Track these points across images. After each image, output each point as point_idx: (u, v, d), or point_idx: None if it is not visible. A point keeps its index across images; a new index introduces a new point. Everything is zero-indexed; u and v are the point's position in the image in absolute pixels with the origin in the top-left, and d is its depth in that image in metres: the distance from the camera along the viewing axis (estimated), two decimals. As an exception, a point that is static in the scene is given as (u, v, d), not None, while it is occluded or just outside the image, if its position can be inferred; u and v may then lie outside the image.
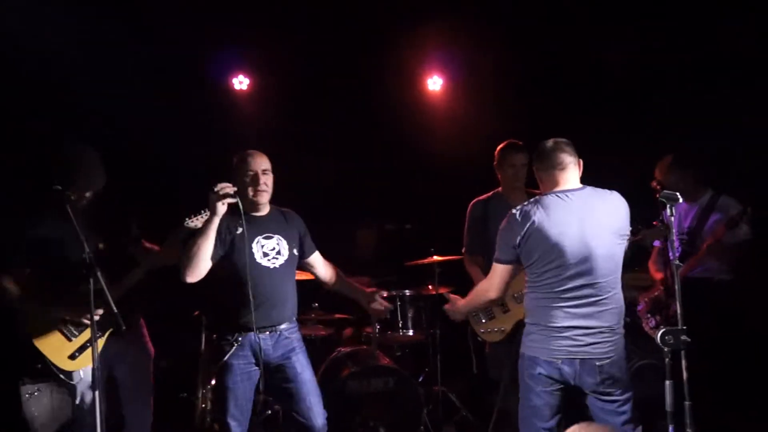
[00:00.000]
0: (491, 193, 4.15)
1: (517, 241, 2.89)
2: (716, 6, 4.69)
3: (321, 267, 3.60)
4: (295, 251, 3.41)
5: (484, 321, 4.01)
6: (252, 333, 3.21)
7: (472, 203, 4.19)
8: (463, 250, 4.21)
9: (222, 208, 3.08)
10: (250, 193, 3.27)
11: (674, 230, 2.66)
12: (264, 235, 3.32)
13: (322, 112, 5.71)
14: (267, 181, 3.30)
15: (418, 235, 5.20)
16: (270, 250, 3.33)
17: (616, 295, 2.90)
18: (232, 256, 3.25)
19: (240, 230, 3.26)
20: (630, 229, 2.98)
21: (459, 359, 4.78)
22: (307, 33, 5.45)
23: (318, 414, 3.35)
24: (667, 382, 2.62)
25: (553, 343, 2.86)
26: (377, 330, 4.60)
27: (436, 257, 4.72)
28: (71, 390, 3.36)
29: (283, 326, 3.34)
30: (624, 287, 4.75)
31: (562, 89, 5.47)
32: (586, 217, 2.85)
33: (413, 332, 4.72)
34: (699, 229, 4.15)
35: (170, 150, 5.20)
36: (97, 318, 2.95)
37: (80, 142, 3.50)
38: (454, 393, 4.81)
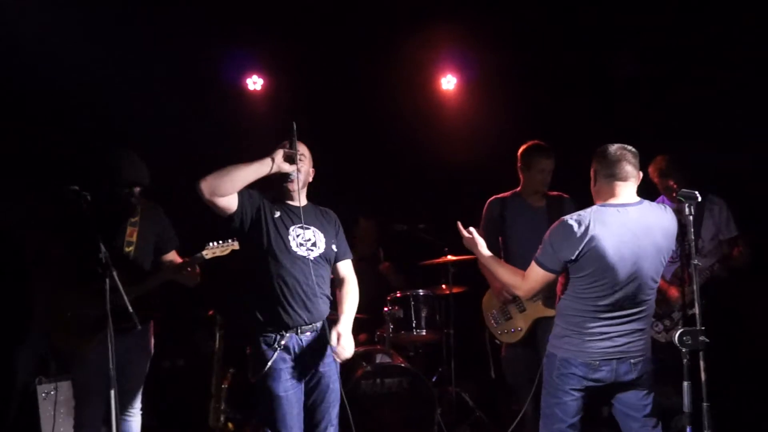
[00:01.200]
0: (510, 192, 4.13)
1: (574, 256, 2.79)
2: (718, 7, 4.66)
3: (343, 278, 3.34)
4: (333, 247, 3.24)
5: (501, 323, 4.00)
6: (293, 333, 3.04)
7: (489, 201, 4.17)
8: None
9: (282, 164, 3.06)
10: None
11: (691, 230, 2.63)
12: (300, 225, 3.17)
13: (336, 111, 5.70)
14: (300, 167, 3.17)
15: (432, 235, 5.18)
16: (305, 241, 3.17)
17: (651, 301, 2.90)
18: (265, 241, 3.08)
19: (278, 214, 3.14)
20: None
21: (473, 359, 4.77)
22: (320, 33, 5.45)
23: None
24: (685, 383, 2.60)
25: (591, 345, 2.84)
26: (391, 330, 4.60)
27: (450, 257, 4.71)
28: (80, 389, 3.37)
29: (320, 324, 3.16)
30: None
31: (575, 89, 5.44)
32: (641, 236, 2.80)
33: (427, 332, 4.71)
34: (696, 232, 4.07)
35: (184, 151, 5.22)
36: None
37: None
38: (468, 393, 4.79)
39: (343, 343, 3.11)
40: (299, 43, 5.55)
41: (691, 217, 2.62)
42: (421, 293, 4.73)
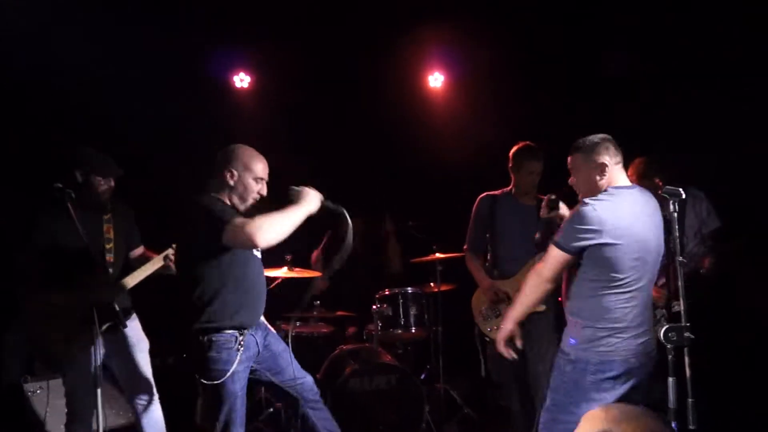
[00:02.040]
0: (501, 191, 4.15)
1: (593, 242, 2.72)
2: (716, 7, 4.69)
3: None
4: None
5: (491, 320, 4.01)
6: (250, 331, 3.07)
7: (479, 198, 4.18)
8: (464, 247, 4.21)
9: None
10: (254, 192, 3.16)
11: (676, 227, 2.64)
12: None
13: (323, 109, 5.69)
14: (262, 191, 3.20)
15: (420, 232, 5.19)
16: None
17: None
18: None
19: None
20: None
21: (461, 357, 4.78)
22: (308, 31, 5.44)
23: (304, 374, 3.27)
24: (670, 379, 2.61)
25: (626, 343, 2.78)
26: (379, 327, 4.60)
27: (438, 255, 4.72)
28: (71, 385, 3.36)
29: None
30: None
31: (563, 87, 5.46)
32: (642, 217, 2.81)
33: (415, 330, 4.71)
34: (680, 228, 4.08)
35: (170, 148, 5.20)
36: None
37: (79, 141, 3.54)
38: (456, 391, 4.80)
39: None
40: (287, 40, 5.54)
41: (675, 214, 2.64)
42: (410, 291, 4.74)
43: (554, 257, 2.83)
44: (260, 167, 3.16)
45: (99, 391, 2.99)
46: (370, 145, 5.77)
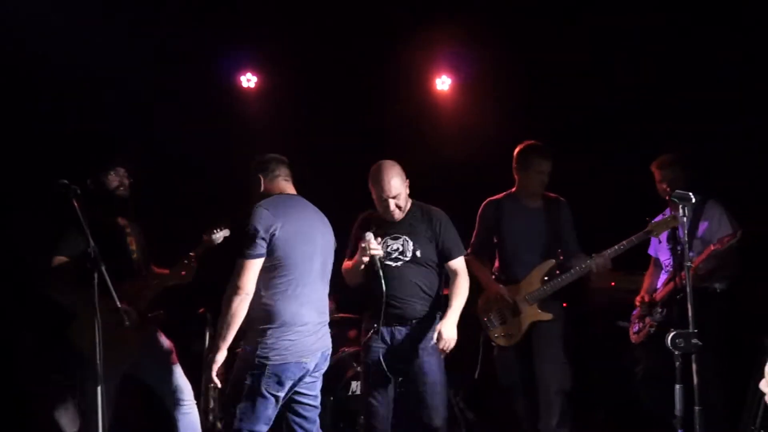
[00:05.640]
0: (504, 194, 4.08)
1: None
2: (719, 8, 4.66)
3: (453, 275, 3.58)
4: (418, 253, 3.49)
5: (496, 326, 3.97)
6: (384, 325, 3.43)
7: (484, 204, 4.13)
8: (468, 251, 4.17)
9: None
10: (381, 212, 3.54)
11: (686, 229, 2.61)
12: (392, 236, 3.51)
13: (330, 111, 5.68)
14: (399, 204, 3.51)
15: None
16: (393, 250, 3.48)
17: None
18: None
19: (374, 229, 3.50)
20: None
21: (462, 361, 4.74)
22: (315, 31, 5.43)
23: (437, 415, 3.48)
24: (677, 386, 2.58)
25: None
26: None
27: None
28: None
29: (414, 322, 3.48)
30: (613, 290, 4.76)
31: (570, 90, 5.44)
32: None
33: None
34: (690, 239, 3.99)
35: (176, 148, 5.20)
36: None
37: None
38: (460, 395, 4.76)
39: None
40: (294, 42, 5.53)
41: (685, 219, 2.61)
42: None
43: None
44: (376, 190, 3.51)
45: (99, 389, 2.96)
46: (377, 147, 5.74)
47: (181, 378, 3.58)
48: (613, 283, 4.79)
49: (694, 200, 2.59)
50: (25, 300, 4.42)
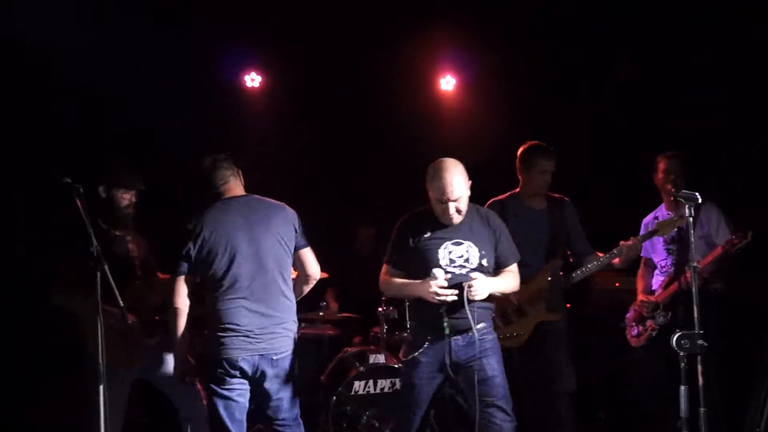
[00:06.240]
0: (507, 194, 4.06)
1: None
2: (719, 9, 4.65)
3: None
4: (484, 262, 3.19)
5: (501, 327, 3.95)
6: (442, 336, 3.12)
7: (488, 203, 4.11)
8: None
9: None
10: (438, 214, 3.20)
11: (691, 231, 2.60)
12: (453, 241, 3.18)
13: (334, 110, 5.67)
14: (460, 208, 3.16)
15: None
16: (458, 257, 3.17)
17: None
18: (419, 260, 3.16)
19: (429, 233, 3.20)
20: None
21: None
22: (320, 31, 5.42)
23: (504, 419, 3.16)
24: (682, 388, 2.57)
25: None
26: (385, 330, 4.56)
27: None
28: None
29: (479, 327, 3.15)
30: (617, 291, 4.73)
31: (575, 90, 5.43)
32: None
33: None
34: (687, 243, 3.95)
35: (181, 147, 5.18)
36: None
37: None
38: (462, 395, 4.74)
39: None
40: (298, 41, 5.53)
41: (691, 219, 2.59)
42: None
43: None
44: (435, 190, 3.17)
45: (101, 388, 2.95)
46: (381, 146, 5.74)
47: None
48: (617, 284, 4.78)
49: (700, 200, 2.57)
50: (26, 301, 4.43)
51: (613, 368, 4.74)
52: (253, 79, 5.85)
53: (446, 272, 3.09)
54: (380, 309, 4.58)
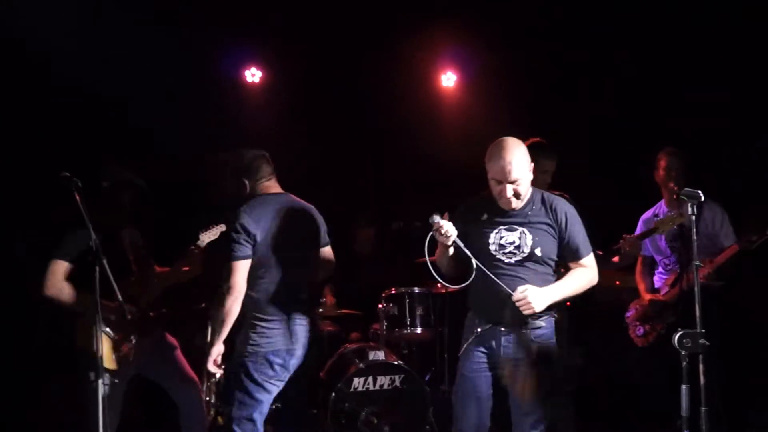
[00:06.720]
0: None
1: None
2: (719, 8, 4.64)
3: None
4: (537, 251, 2.95)
5: None
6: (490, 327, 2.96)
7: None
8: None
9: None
10: (495, 196, 2.99)
11: (693, 229, 2.59)
12: (507, 227, 2.99)
13: (334, 106, 5.66)
14: (519, 191, 2.93)
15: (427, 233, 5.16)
16: (508, 243, 2.98)
17: None
18: (471, 244, 2.97)
19: (485, 216, 3.02)
20: None
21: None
22: (321, 27, 5.41)
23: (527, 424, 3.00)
24: (684, 387, 2.56)
25: None
26: (384, 327, 4.55)
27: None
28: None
29: (522, 327, 2.94)
30: (618, 289, 4.72)
31: (575, 89, 5.42)
32: None
33: (421, 330, 4.66)
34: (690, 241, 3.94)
35: (180, 142, 5.18)
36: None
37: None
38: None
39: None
40: (299, 36, 5.52)
41: (693, 217, 2.58)
42: (416, 291, 4.68)
43: None
44: (493, 170, 2.93)
45: (101, 382, 2.94)
46: (381, 142, 5.73)
47: (187, 372, 3.63)
48: (618, 282, 4.77)
49: (703, 198, 2.56)
50: (26, 302, 4.42)
51: (613, 368, 4.73)
52: (253, 75, 5.84)
53: (495, 259, 2.94)
54: (380, 306, 4.58)
